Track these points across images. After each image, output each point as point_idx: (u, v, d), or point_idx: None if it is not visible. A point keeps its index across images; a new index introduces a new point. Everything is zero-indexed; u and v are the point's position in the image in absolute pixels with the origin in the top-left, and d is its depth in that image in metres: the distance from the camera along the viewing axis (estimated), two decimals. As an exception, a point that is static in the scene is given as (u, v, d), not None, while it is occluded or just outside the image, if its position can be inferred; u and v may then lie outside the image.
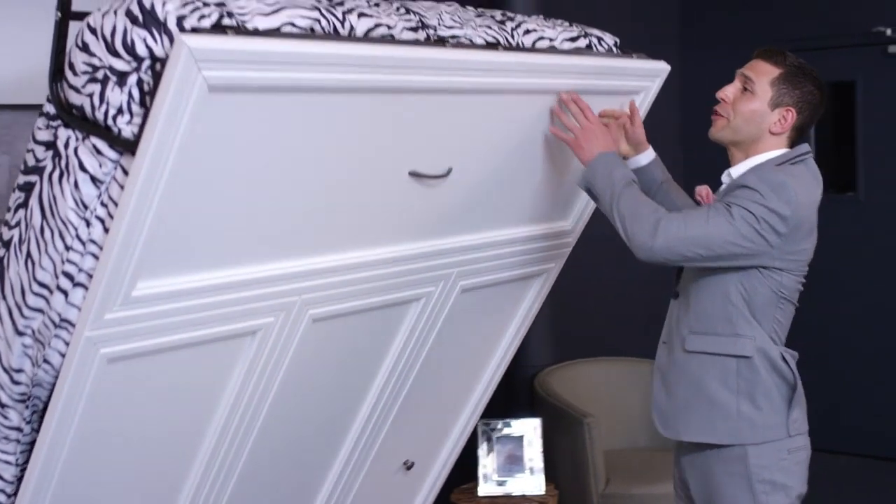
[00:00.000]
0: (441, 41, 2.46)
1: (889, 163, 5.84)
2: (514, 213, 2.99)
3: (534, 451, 4.15)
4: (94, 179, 2.18)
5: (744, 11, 6.31)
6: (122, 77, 2.10)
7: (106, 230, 2.17)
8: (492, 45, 2.61)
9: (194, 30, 2.02)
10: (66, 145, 2.20)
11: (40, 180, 2.27)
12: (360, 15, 2.34)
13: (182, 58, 1.95)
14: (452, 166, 2.64)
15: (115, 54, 2.08)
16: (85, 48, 2.14)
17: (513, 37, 2.70)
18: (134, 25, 2.05)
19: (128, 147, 2.10)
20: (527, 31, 2.76)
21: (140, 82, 2.09)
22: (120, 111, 2.11)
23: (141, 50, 2.06)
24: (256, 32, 2.11)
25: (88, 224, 2.20)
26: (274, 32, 2.14)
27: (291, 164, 2.31)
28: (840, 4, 6.00)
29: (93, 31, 2.13)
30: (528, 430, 4.17)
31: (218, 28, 2.05)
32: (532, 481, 4.13)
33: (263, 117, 2.17)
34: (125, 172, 2.13)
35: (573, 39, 2.90)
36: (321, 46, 2.18)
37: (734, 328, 2.72)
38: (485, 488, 4.12)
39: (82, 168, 2.17)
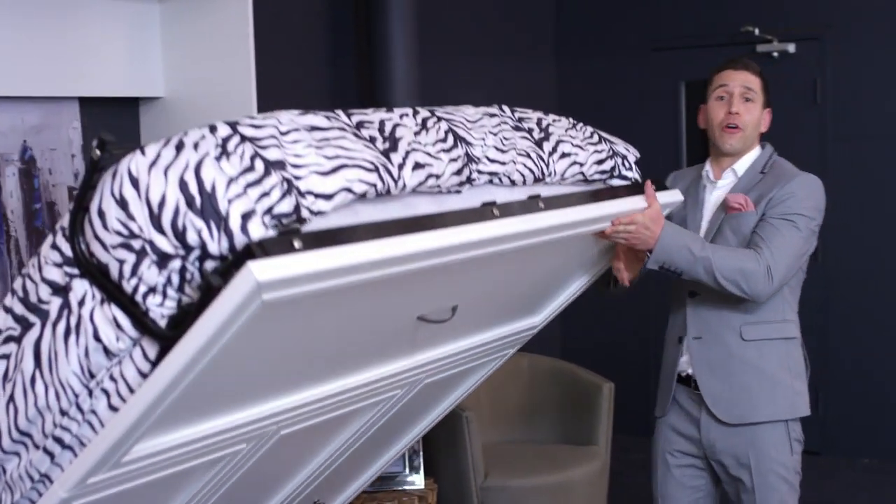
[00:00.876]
0: (487, 212, 2.32)
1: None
2: (492, 320, 2.98)
3: (413, 445, 4.17)
4: (106, 350, 1.91)
5: (615, 12, 6.42)
6: (163, 259, 1.81)
7: (111, 406, 1.96)
8: (536, 179, 2.55)
9: (262, 248, 1.74)
10: (81, 303, 1.91)
11: (41, 325, 1.97)
12: (414, 166, 2.13)
13: (247, 287, 1.71)
14: (457, 304, 2.54)
15: (160, 230, 1.79)
16: (122, 203, 1.81)
17: (548, 165, 2.59)
18: (189, 210, 1.76)
19: (160, 338, 1.86)
20: (562, 155, 2.67)
21: (183, 270, 1.82)
22: (153, 290, 1.84)
23: (192, 239, 1.78)
24: (321, 241, 1.85)
25: (91, 394, 1.96)
26: (336, 235, 1.89)
27: (313, 335, 2.17)
28: (710, 4, 6.13)
29: (135, 184, 1.80)
30: (407, 424, 4.19)
31: (284, 239, 1.78)
32: (411, 475, 4.16)
33: (304, 312, 2.01)
34: (146, 357, 1.90)
35: (601, 162, 2.82)
36: (380, 250, 1.97)
37: (783, 314, 3.14)
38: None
39: (96, 337, 1.90)
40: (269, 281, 1.71)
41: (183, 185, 1.76)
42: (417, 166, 2.14)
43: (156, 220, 1.78)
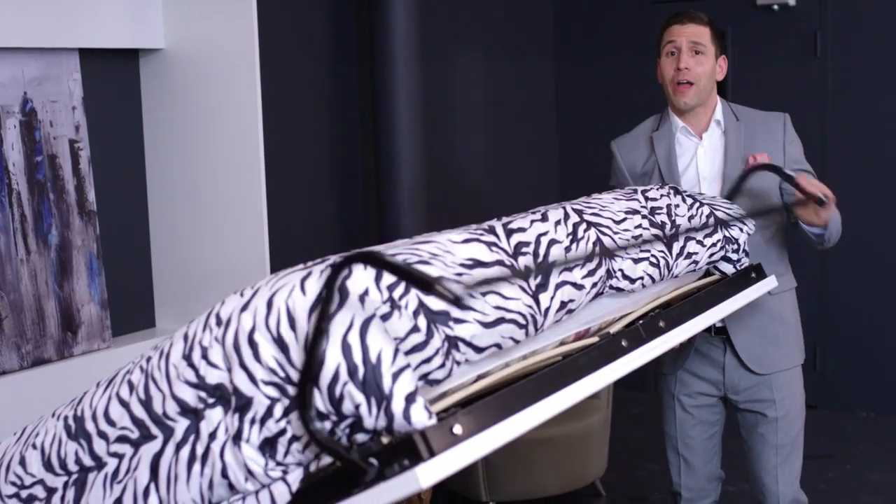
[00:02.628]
0: (617, 346, 2.26)
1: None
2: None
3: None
4: (231, 486, 1.76)
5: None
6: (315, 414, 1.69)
7: None
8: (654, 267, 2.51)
9: (425, 442, 1.61)
10: (213, 436, 1.76)
11: (163, 441, 1.84)
12: (559, 307, 2.06)
13: (409, 487, 1.60)
14: None
15: (317, 387, 1.66)
16: (281, 344, 1.66)
17: (670, 269, 2.57)
18: (350, 381, 1.61)
19: (296, 498, 1.73)
20: (686, 255, 2.65)
21: (332, 432, 1.69)
22: (296, 439, 1.70)
23: (348, 409, 1.63)
24: (478, 420, 1.74)
25: None
26: (492, 410, 1.78)
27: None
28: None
29: (293, 325, 1.67)
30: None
31: (445, 426, 1.66)
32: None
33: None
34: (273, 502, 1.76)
35: (713, 254, 2.81)
36: (535, 416, 1.90)
37: (787, 265, 3.29)
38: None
39: (223, 474, 1.75)
40: (431, 481, 1.61)
41: (346, 349, 1.62)
42: (562, 306, 2.08)
43: (314, 376, 1.65)
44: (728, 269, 2.95)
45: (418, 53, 4.77)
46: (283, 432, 1.70)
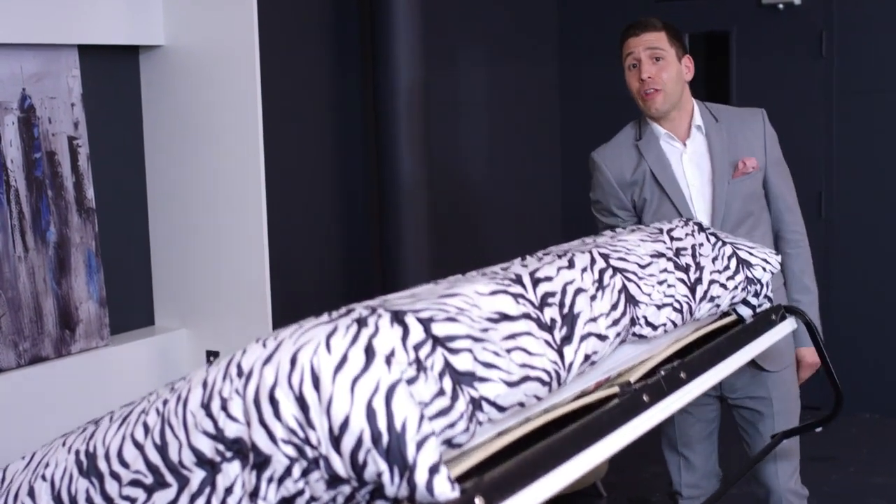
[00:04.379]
0: (638, 401, 2.21)
1: (760, 112, 5.97)
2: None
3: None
4: None
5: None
6: (333, 479, 1.65)
7: None
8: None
9: None
10: (229, 491, 1.74)
11: (178, 490, 1.81)
12: (583, 360, 2.05)
13: None
14: None
15: (338, 451, 1.62)
16: (302, 404, 1.64)
17: (692, 314, 2.55)
18: (374, 448, 1.58)
19: None
20: (709, 299, 2.63)
21: (351, 497, 1.67)
22: (315, 500, 1.68)
23: (370, 476, 1.61)
24: (500, 490, 1.71)
25: None
26: (514, 477, 1.75)
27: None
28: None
29: (316, 385, 1.63)
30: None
31: (467, 498, 1.63)
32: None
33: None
34: None
35: (734, 297, 2.80)
36: (559, 479, 1.86)
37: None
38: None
39: None
40: None
41: (371, 415, 1.59)
42: (586, 359, 2.08)
43: (335, 441, 1.61)
44: (746, 312, 2.88)
45: (421, 52, 4.74)
46: (300, 493, 1.67)
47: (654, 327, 2.36)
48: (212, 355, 3.67)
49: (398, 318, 1.70)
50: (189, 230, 3.69)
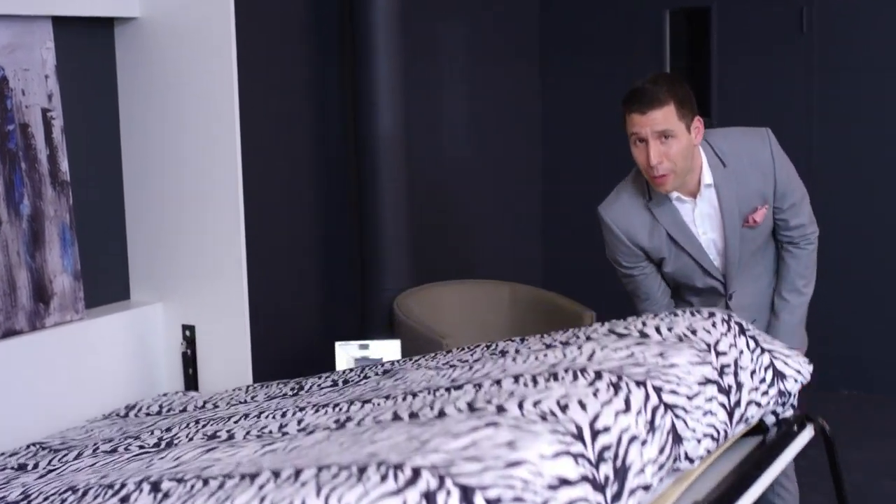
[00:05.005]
0: None
1: (742, 88, 5.95)
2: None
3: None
4: None
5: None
6: None
7: None
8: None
9: None
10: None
11: None
12: (628, 496, 2.15)
13: None
14: None
15: None
16: None
17: (727, 436, 2.57)
18: None
19: None
20: (745, 420, 2.66)
21: None
22: None
23: None
24: None
25: None
26: None
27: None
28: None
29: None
30: (388, 351, 4.17)
31: None
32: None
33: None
34: None
35: (766, 412, 2.82)
36: None
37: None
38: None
39: None
40: None
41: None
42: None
43: None
44: (769, 419, 2.89)
45: (400, 34, 4.71)
46: None
47: (692, 461, 2.40)
48: (187, 329, 3.65)
49: (467, 497, 1.81)
50: (165, 203, 3.66)
